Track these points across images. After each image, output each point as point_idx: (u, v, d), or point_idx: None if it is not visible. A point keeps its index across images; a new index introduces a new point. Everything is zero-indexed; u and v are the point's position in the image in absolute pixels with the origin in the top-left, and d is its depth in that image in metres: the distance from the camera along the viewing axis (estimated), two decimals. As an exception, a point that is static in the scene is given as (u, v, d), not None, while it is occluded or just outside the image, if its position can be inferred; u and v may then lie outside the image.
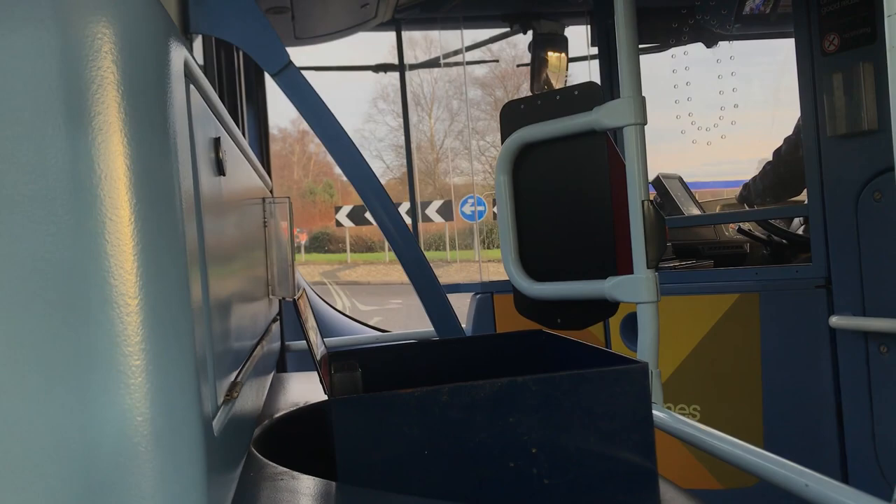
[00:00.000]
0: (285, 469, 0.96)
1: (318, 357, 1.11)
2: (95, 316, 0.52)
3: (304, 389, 1.59)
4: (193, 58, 0.74)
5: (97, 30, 0.53)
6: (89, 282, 0.52)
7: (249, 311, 1.12)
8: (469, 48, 3.83)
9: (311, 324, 1.23)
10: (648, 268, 1.58)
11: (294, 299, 1.14)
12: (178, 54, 0.64)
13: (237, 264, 0.99)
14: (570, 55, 3.64)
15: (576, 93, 1.78)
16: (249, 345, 1.09)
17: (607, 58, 3.27)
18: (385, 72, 3.89)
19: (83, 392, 0.52)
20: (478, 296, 3.26)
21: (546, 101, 1.86)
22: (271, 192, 2.18)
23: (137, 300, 0.53)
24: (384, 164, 29.66)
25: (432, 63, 3.96)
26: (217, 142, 0.85)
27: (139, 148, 0.54)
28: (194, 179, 0.67)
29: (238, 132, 1.19)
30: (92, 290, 0.52)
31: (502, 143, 1.93)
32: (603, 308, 1.74)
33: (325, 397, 1.07)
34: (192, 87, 0.70)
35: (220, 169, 0.86)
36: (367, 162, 2.23)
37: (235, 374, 0.90)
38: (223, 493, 0.71)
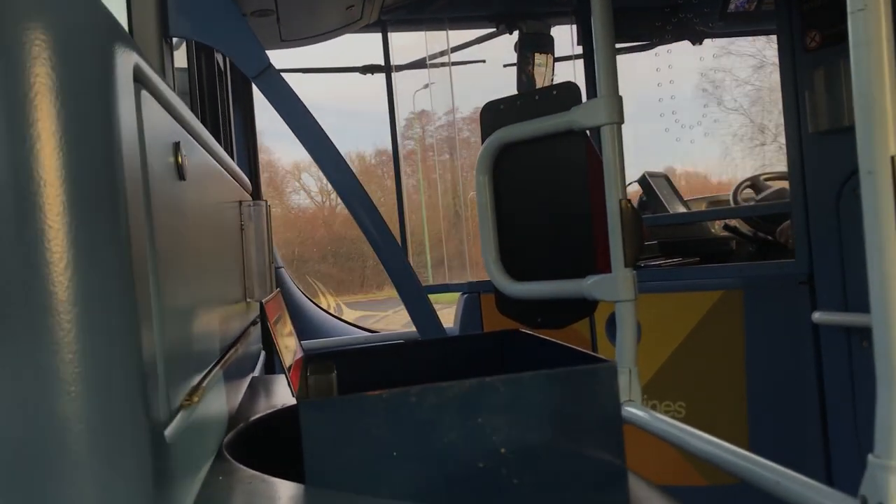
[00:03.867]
0: (256, 472, 0.95)
1: (290, 360, 1.11)
2: (34, 324, 0.52)
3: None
4: (155, 61, 0.74)
5: (33, 36, 0.53)
6: (28, 290, 0.52)
7: (217, 314, 1.11)
8: (454, 49, 3.83)
9: (284, 327, 1.23)
10: (626, 266, 1.58)
11: (261, 302, 1.13)
12: (125, 59, 0.64)
13: (200, 268, 0.99)
14: (556, 55, 3.64)
15: (554, 92, 1.78)
16: (217, 348, 1.09)
17: (592, 58, 3.27)
18: (372, 73, 3.89)
19: (22, 401, 0.52)
20: (465, 295, 3.27)
21: (525, 101, 1.86)
22: (251, 195, 2.18)
23: (77, 308, 0.53)
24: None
25: (418, 64, 3.95)
26: (177, 146, 0.85)
27: (79, 155, 0.54)
28: (144, 185, 0.66)
29: (208, 136, 1.19)
30: (30, 298, 0.52)
31: (482, 143, 1.93)
32: (582, 307, 1.74)
33: None
34: (143, 91, 0.70)
35: (180, 174, 0.86)
36: (349, 165, 2.23)
37: (198, 378, 0.89)
38: (180, 499, 0.71)
